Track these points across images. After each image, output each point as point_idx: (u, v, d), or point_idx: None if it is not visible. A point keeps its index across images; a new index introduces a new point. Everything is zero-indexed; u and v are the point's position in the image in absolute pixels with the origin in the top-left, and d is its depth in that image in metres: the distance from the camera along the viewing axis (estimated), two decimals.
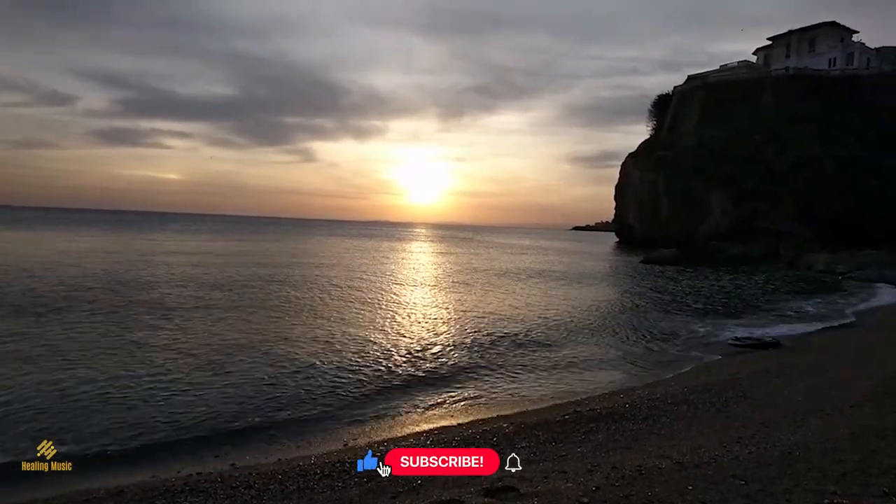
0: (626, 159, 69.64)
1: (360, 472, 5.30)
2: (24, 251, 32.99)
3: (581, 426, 6.97)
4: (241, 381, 9.39)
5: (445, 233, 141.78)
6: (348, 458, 5.94)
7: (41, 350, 10.76)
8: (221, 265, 29.80)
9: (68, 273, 22.48)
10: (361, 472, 5.29)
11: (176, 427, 7.36)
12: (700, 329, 15.88)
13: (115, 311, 15.08)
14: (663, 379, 10.50)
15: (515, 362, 11.54)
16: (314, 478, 5.44)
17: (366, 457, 5.25)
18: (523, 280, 28.86)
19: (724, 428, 6.68)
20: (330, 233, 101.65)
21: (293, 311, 16.36)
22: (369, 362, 10.95)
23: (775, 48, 65.32)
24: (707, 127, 59.94)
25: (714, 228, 53.75)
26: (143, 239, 53.08)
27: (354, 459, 5.53)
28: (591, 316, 17.56)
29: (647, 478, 4.75)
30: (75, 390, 8.54)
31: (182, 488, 5.24)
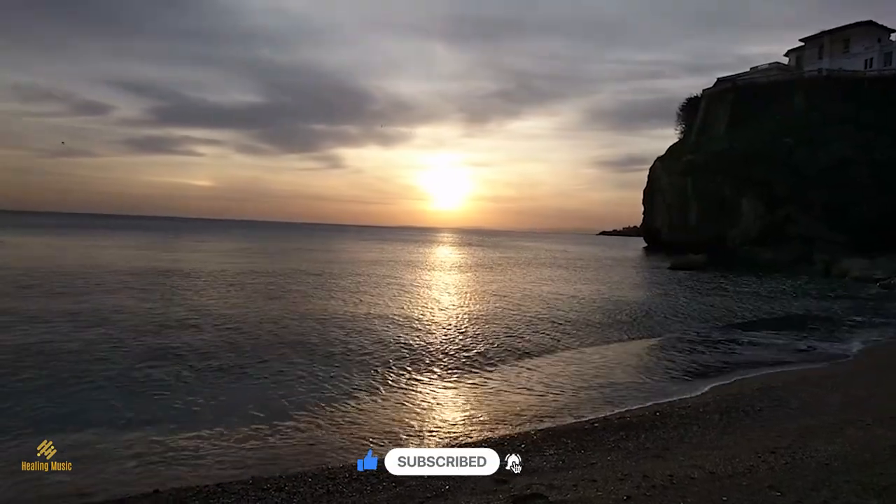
0: (655, 163, 68.78)
1: (363, 472, 5.36)
2: (69, 255, 34.04)
3: (610, 434, 6.89)
4: (265, 380, 9.53)
5: (472, 237, 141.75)
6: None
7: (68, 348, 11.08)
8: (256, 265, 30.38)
9: (97, 274, 23.12)
10: (362, 471, 5.34)
11: (207, 429, 7.49)
12: (732, 337, 15.56)
13: (140, 312, 15.45)
14: (694, 387, 10.31)
15: (544, 367, 11.46)
16: (343, 481, 5.48)
17: (366, 457, 5.25)
18: (551, 282, 28.68)
19: (758, 437, 6.53)
20: (361, 238, 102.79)
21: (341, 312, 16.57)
22: (396, 364, 11.00)
23: (808, 49, 63.88)
24: (737, 130, 58.82)
25: (744, 233, 52.70)
26: (186, 242, 54.30)
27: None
28: (619, 322, 17.36)
29: (678, 487, 4.68)
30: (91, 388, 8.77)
31: (214, 490, 5.33)
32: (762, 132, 55.79)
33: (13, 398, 8.23)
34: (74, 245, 45.81)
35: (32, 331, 12.72)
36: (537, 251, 72.34)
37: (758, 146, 54.83)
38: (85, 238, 57.44)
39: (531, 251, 71.71)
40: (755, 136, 55.96)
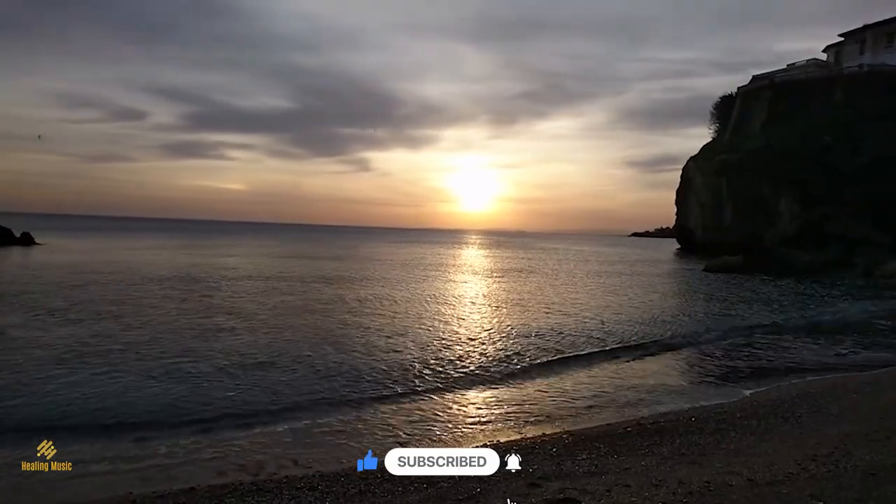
0: (688, 163, 67.49)
1: (361, 472, 5.41)
2: (116, 257, 35.12)
3: (644, 439, 6.78)
4: (299, 377, 9.66)
5: (500, 239, 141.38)
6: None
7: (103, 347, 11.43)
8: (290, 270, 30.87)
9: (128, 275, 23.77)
10: (361, 471, 5.36)
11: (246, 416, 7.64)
12: (769, 341, 15.18)
13: (155, 312, 15.83)
14: (731, 392, 10.08)
15: (576, 371, 11.35)
16: (375, 481, 5.51)
17: (366, 457, 5.25)
18: (584, 286, 28.41)
19: (797, 444, 6.35)
20: (392, 240, 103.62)
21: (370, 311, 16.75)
22: (429, 365, 11.04)
23: (848, 45, 61.89)
24: (774, 128, 57.34)
25: (781, 234, 51.26)
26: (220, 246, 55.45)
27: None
28: (652, 325, 17.09)
29: (716, 494, 4.58)
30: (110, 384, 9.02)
31: (249, 487, 5.43)
32: (799, 130, 54.28)
33: (37, 395, 8.54)
34: (113, 247, 47.24)
35: (80, 330, 13.18)
36: (567, 253, 71.75)
37: (795, 144, 53.35)
38: (124, 240, 59.24)
39: (560, 253, 71.16)
40: (792, 133, 54.48)
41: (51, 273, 24.39)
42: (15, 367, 9.88)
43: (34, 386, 8.92)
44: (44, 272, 24.64)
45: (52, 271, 25.13)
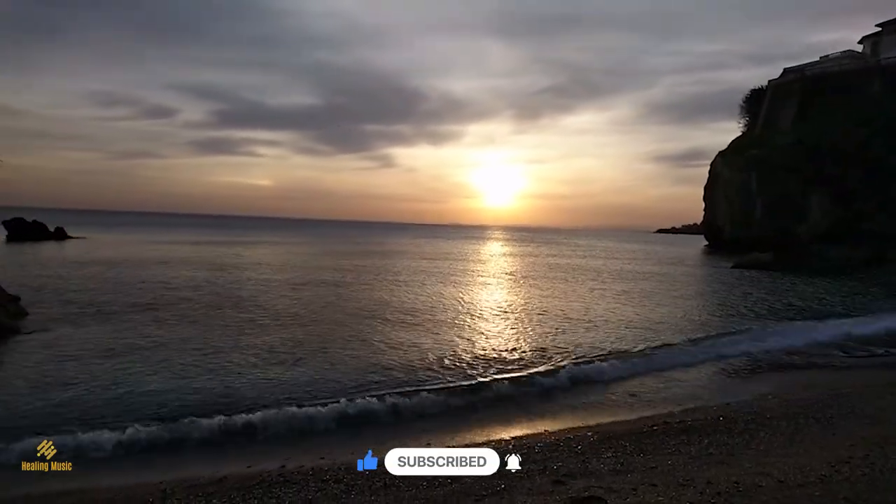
0: (716, 158, 66.21)
1: (361, 472, 5.37)
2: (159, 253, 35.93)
3: (671, 438, 6.69)
4: (330, 368, 9.77)
5: (525, 235, 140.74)
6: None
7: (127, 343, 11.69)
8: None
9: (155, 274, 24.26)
10: (361, 471, 5.33)
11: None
12: (801, 340, 14.81)
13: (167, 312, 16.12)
14: (760, 392, 9.89)
15: (601, 369, 11.25)
16: (398, 475, 5.53)
17: (366, 457, 5.25)
18: (609, 283, 28.15)
19: (830, 446, 6.20)
20: (418, 235, 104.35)
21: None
22: (460, 361, 11.06)
23: (885, 35, 59.93)
24: (806, 122, 55.93)
25: (812, 231, 50.05)
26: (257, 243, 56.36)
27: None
28: (680, 323, 16.87)
29: (745, 495, 4.50)
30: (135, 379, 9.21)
31: (276, 479, 5.50)
32: (833, 124, 52.82)
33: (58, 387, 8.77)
34: (143, 241, 48.26)
35: (111, 325, 13.51)
36: (592, 249, 71.11)
37: (828, 138, 51.97)
38: (153, 235, 60.50)
39: (585, 249, 70.55)
40: (825, 128, 53.07)
41: (81, 267, 25.06)
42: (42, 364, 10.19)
43: (78, 379, 9.20)
44: (72, 266, 25.33)
45: (81, 265, 25.80)
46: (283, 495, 5.10)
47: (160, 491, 5.34)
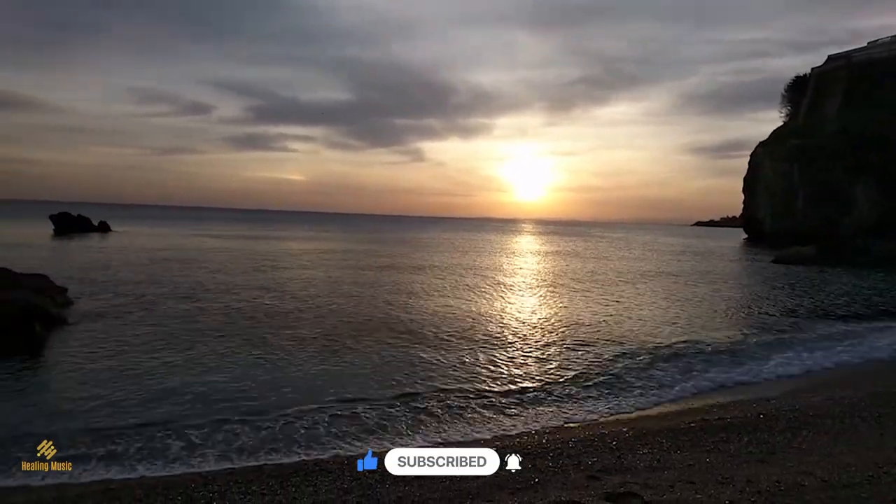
0: (756, 149, 64.42)
1: (361, 471, 5.25)
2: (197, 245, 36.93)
3: (710, 435, 6.56)
4: (343, 371, 9.88)
5: (557, 229, 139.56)
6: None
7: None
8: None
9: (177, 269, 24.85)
10: (361, 471, 5.23)
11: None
12: (848, 338, 14.34)
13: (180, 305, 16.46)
14: (803, 389, 9.61)
15: (638, 365, 11.08)
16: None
17: (366, 457, 5.24)
18: (646, 281, 27.74)
19: (877, 447, 5.99)
20: (449, 229, 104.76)
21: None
22: (481, 364, 11.06)
23: None
24: (851, 111, 53.91)
25: (858, 223, 48.29)
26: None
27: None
28: (720, 318, 16.53)
29: (787, 494, 4.37)
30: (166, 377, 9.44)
31: (313, 468, 5.61)
32: (881, 112, 50.76)
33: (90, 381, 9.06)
34: (182, 234, 49.57)
35: (162, 318, 13.92)
36: (628, 241, 70.11)
37: (875, 127, 49.97)
38: (191, 228, 62.08)
39: (620, 242, 69.59)
40: (872, 116, 51.04)
41: (125, 259, 25.89)
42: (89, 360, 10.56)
43: (126, 371, 9.52)
44: (117, 258, 26.16)
45: (125, 258, 26.65)
46: (319, 483, 5.19)
47: (201, 477, 5.50)
